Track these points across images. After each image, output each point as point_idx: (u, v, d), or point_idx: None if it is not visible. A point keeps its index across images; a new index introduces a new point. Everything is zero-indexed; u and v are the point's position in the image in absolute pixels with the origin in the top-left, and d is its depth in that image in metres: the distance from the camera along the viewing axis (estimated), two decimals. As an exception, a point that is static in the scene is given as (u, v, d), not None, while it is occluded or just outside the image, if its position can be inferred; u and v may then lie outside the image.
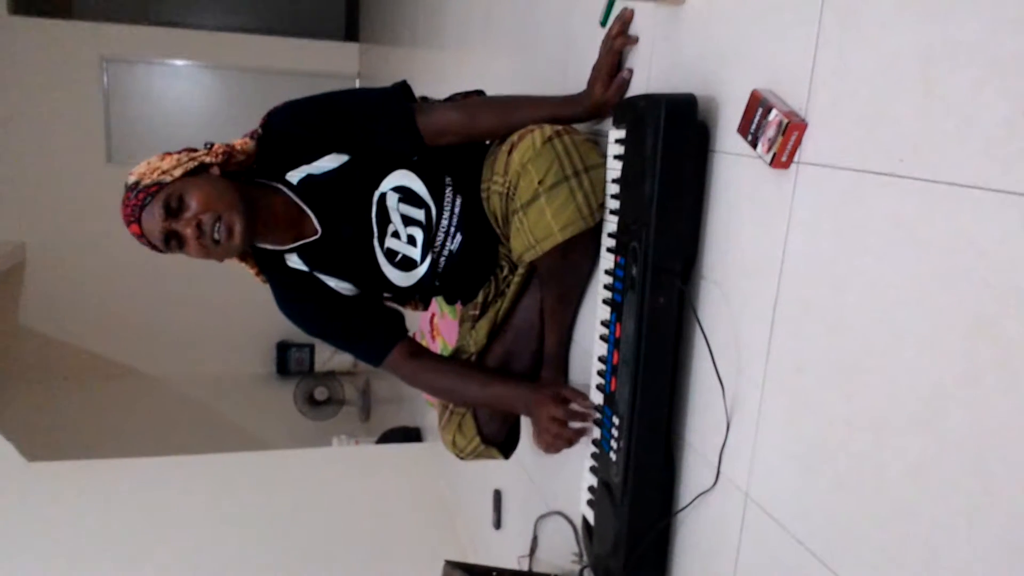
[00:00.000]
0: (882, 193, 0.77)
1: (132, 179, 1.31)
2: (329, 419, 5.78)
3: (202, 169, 1.33)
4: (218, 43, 6.02)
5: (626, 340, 1.15)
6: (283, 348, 6.37)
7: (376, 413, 5.47)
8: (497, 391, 1.50)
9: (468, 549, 2.58)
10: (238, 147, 1.38)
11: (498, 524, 2.23)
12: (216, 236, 1.30)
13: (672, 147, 1.05)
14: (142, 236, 1.32)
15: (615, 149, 1.22)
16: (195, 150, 1.37)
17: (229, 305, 6.07)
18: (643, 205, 1.09)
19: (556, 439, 1.40)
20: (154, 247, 1.34)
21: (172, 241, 1.31)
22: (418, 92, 1.47)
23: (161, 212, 1.29)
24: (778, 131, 0.89)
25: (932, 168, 0.71)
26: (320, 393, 5.93)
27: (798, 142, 0.88)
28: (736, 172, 1.01)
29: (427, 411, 3.35)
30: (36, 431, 4.55)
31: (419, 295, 1.62)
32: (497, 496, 2.23)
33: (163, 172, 1.30)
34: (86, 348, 6.13)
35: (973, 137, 0.67)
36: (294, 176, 1.41)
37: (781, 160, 0.90)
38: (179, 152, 1.35)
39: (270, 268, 1.49)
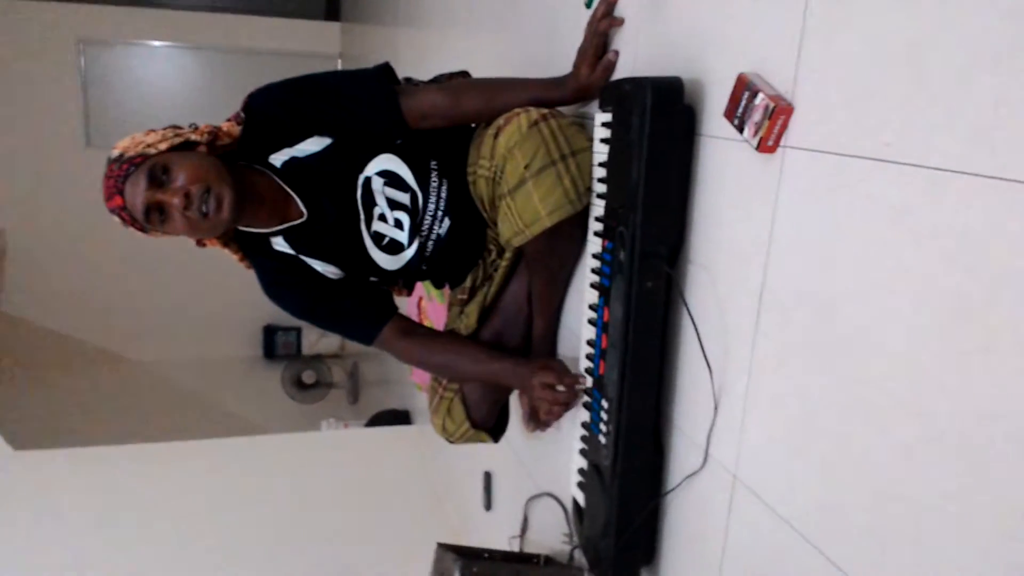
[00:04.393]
0: (869, 177, 0.77)
1: (115, 152, 1.28)
2: (317, 402, 5.78)
3: (188, 146, 1.31)
4: (197, 23, 5.93)
5: (614, 324, 1.15)
6: (270, 332, 6.35)
7: (365, 396, 5.47)
8: (490, 367, 1.49)
9: (459, 531, 2.60)
10: (224, 129, 1.36)
11: (488, 506, 2.24)
12: (204, 208, 1.25)
13: (658, 131, 1.05)
14: (124, 209, 1.27)
15: (601, 132, 1.22)
16: (180, 127, 1.35)
17: (215, 289, 6.03)
18: (630, 189, 1.09)
19: (551, 406, 1.39)
20: (134, 223, 1.29)
21: (155, 214, 1.27)
22: (401, 73, 1.45)
23: (146, 182, 1.25)
24: (764, 115, 0.89)
25: (919, 153, 0.71)
26: (308, 376, 5.92)
27: (784, 126, 0.88)
28: (723, 156, 1.01)
29: (416, 393, 3.36)
30: (21, 419, 4.52)
31: (404, 279, 1.61)
32: (487, 478, 2.25)
33: (148, 145, 1.27)
34: (70, 335, 6.08)
35: (960, 122, 0.67)
36: (277, 159, 1.40)
37: (768, 144, 0.90)
38: (164, 129, 1.33)
39: (255, 252, 1.48)
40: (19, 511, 2.75)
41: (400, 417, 3.75)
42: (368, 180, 1.42)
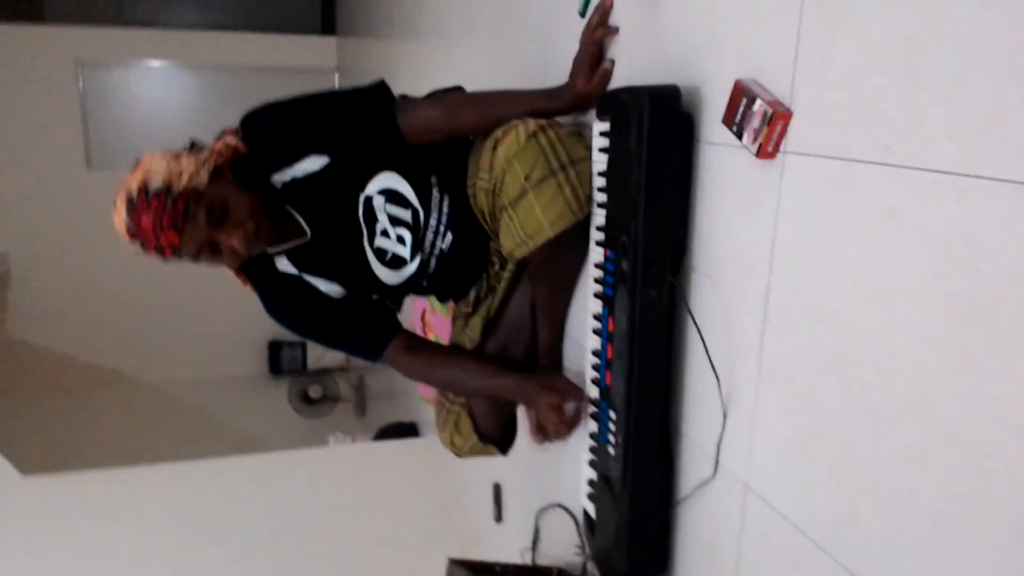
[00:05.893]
0: (870, 181, 0.76)
1: (157, 182, 1.22)
2: (324, 417, 5.78)
3: (217, 172, 1.29)
4: (193, 42, 5.96)
5: (619, 334, 1.14)
6: (275, 347, 6.36)
7: (371, 408, 5.46)
8: (496, 383, 1.50)
9: (470, 543, 2.59)
10: (234, 145, 1.34)
11: (499, 518, 2.23)
12: (255, 244, 1.30)
13: (657, 139, 1.05)
14: (177, 246, 1.24)
15: (600, 142, 1.21)
16: (201, 149, 1.32)
17: (218, 306, 6.04)
18: (631, 198, 1.08)
19: (558, 426, 1.40)
20: (166, 255, 1.26)
21: (207, 250, 1.27)
22: (397, 84, 1.45)
23: (205, 220, 1.24)
24: (763, 121, 0.88)
25: (919, 156, 0.70)
26: (314, 391, 5.92)
27: (783, 132, 0.88)
28: (723, 163, 1.01)
29: (422, 405, 3.35)
30: (29, 443, 4.52)
31: (405, 294, 1.61)
32: (497, 490, 2.24)
33: (191, 176, 1.24)
34: (76, 356, 6.09)
35: (959, 124, 0.66)
36: (277, 179, 1.39)
37: (767, 150, 0.89)
38: (189, 153, 1.29)
39: (257, 272, 1.47)
40: (30, 537, 2.74)
41: (408, 430, 3.75)
42: (369, 199, 1.41)
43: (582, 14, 1.35)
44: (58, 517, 2.87)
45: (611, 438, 1.19)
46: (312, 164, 1.39)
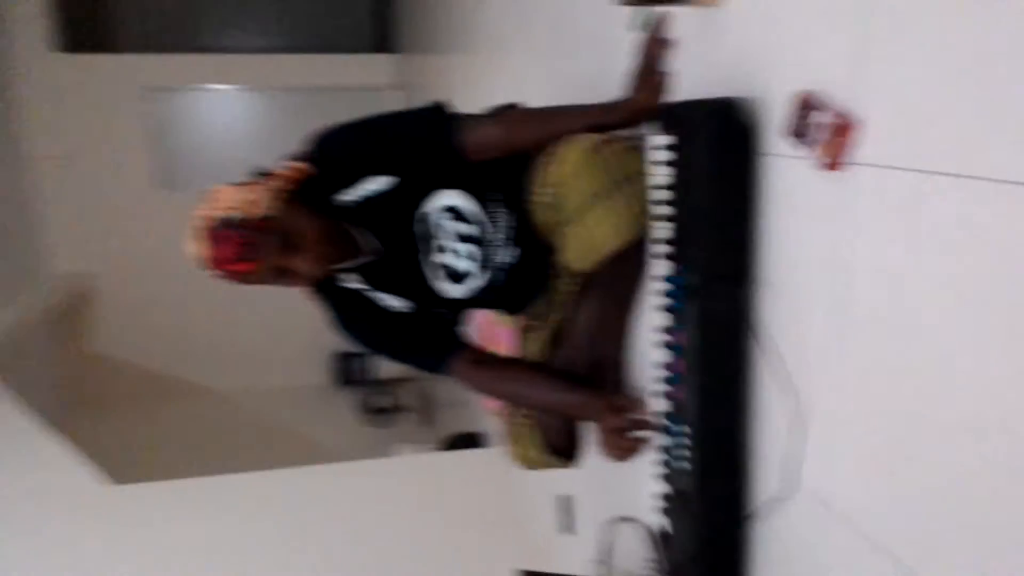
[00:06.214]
0: (945, 193, 0.75)
1: (229, 214, 1.27)
2: (391, 427, 5.86)
3: (287, 198, 1.34)
4: (256, 65, 6.15)
5: (687, 348, 1.14)
6: (341, 358, 6.48)
7: (437, 418, 5.52)
8: (562, 398, 1.50)
9: (540, 555, 2.59)
10: (301, 170, 1.39)
11: (568, 529, 2.23)
12: (326, 266, 1.35)
13: (720, 152, 1.04)
14: (252, 273, 1.29)
15: (661, 155, 1.21)
16: (268, 176, 1.37)
17: (287, 319, 6.17)
18: (695, 212, 1.08)
19: (620, 450, 1.41)
20: (238, 280, 1.31)
21: (280, 275, 1.33)
22: (458, 99, 1.48)
23: (279, 248, 1.29)
24: (829, 133, 0.87)
25: (995, 167, 0.69)
26: (381, 401, 6.01)
27: (850, 143, 0.86)
28: (788, 175, 0.99)
29: (488, 416, 3.37)
30: (117, 453, 4.70)
31: (469, 308, 1.62)
32: (566, 501, 2.24)
33: (261, 205, 1.29)
34: (153, 369, 6.34)
35: (1039, 134, 0.64)
36: (345, 199, 1.43)
37: (834, 162, 0.88)
38: (258, 182, 1.34)
39: (324, 290, 1.52)
40: (122, 545, 2.86)
41: (474, 440, 3.78)
42: (434, 215, 1.44)
43: (637, 28, 1.35)
44: (150, 524, 2.98)
45: (684, 453, 1.18)
46: (378, 184, 1.43)
